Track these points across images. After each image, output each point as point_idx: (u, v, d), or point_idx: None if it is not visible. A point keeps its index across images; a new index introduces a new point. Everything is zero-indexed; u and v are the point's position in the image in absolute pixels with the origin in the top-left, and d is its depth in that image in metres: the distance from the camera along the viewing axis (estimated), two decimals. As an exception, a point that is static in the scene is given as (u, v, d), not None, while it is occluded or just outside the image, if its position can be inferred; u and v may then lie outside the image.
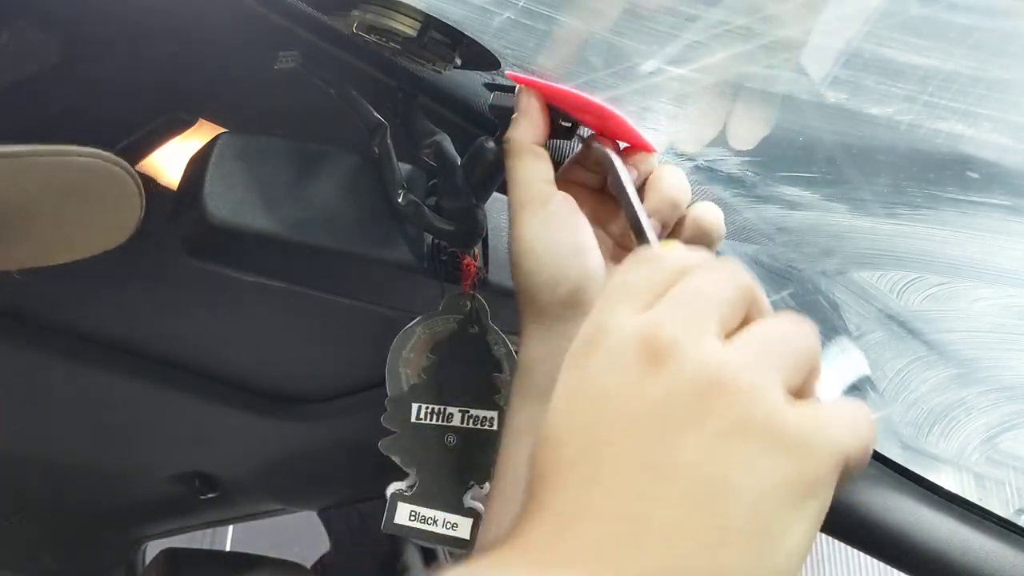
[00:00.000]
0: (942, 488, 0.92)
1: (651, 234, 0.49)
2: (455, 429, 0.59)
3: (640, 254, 0.39)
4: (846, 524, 0.89)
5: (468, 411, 0.59)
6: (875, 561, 0.91)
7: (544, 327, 0.52)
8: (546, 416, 0.36)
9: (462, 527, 0.55)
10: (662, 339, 0.34)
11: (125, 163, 0.53)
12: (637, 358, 0.34)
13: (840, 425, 0.33)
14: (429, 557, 1.43)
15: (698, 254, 0.38)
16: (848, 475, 0.33)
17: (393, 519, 0.57)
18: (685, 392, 0.33)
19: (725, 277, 0.36)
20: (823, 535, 0.42)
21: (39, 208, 0.51)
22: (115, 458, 1.52)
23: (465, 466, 0.58)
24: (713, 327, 0.34)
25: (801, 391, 0.35)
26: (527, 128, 0.55)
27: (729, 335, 0.35)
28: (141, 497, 1.72)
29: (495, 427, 0.59)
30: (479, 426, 0.59)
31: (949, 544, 0.87)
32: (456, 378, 0.60)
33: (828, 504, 0.33)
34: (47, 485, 1.64)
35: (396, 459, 0.59)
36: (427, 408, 0.59)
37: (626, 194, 0.51)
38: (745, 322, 0.36)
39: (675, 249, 0.39)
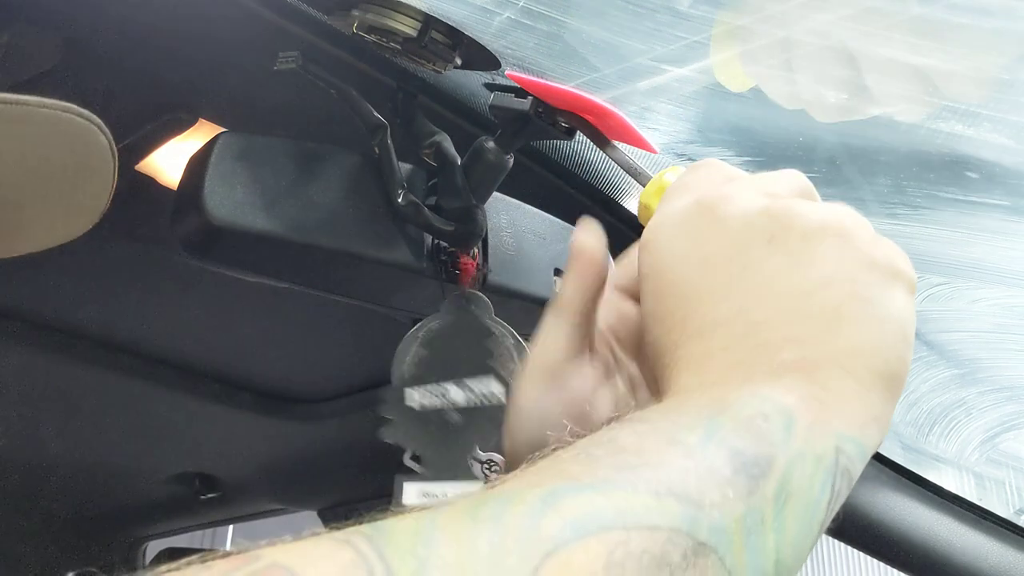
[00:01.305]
0: (942, 488, 0.92)
1: (647, 172, 0.50)
2: (459, 409, 0.58)
3: (699, 161, 0.43)
4: (847, 525, 0.89)
5: (466, 383, 0.59)
6: (875, 561, 0.91)
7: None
8: (642, 310, 0.40)
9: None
10: (716, 195, 0.39)
11: (99, 120, 0.44)
12: (698, 218, 0.38)
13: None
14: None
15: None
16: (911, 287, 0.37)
17: (401, 501, 0.57)
18: (752, 224, 0.37)
19: (786, 175, 0.41)
20: (823, 535, 0.43)
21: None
22: (115, 458, 1.52)
23: (469, 438, 0.57)
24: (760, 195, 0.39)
25: None
26: (574, 295, 0.46)
27: None
28: (141, 497, 1.72)
29: (503, 401, 0.58)
30: (480, 400, 0.58)
31: (949, 544, 0.87)
32: (451, 359, 0.60)
33: (913, 293, 0.37)
34: (47, 485, 1.63)
35: (400, 443, 0.59)
36: (424, 391, 0.59)
37: (617, 151, 0.53)
38: None
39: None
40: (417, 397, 0.60)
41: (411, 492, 0.57)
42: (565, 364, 0.47)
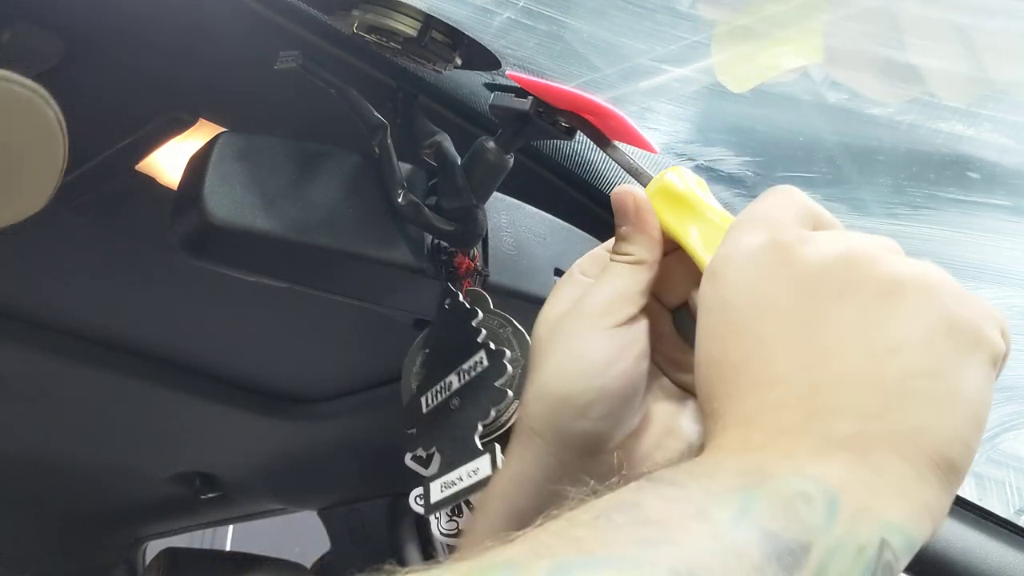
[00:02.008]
0: (942, 488, 0.92)
1: (648, 172, 0.49)
2: (456, 392, 0.58)
3: (773, 188, 0.40)
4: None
5: (461, 368, 0.58)
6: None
7: (536, 442, 0.44)
8: (697, 344, 0.37)
9: (483, 467, 0.53)
10: (794, 235, 0.36)
11: (44, 91, 0.38)
12: (771, 259, 0.36)
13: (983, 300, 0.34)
14: (428, 556, 1.43)
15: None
16: (1002, 359, 0.33)
17: (431, 500, 0.56)
18: (827, 272, 0.34)
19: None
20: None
21: None
22: (115, 458, 1.52)
23: (470, 415, 0.56)
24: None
25: None
26: (645, 245, 0.45)
27: None
28: (141, 497, 1.72)
29: (486, 363, 0.57)
30: (473, 374, 0.58)
31: (949, 544, 0.87)
32: (447, 352, 0.60)
33: (997, 365, 0.33)
34: (47, 485, 1.63)
35: (421, 450, 0.58)
36: (432, 393, 0.59)
37: (618, 150, 0.52)
38: None
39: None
40: (426, 402, 0.60)
41: (436, 489, 0.57)
42: (629, 314, 0.43)
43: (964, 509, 0.90)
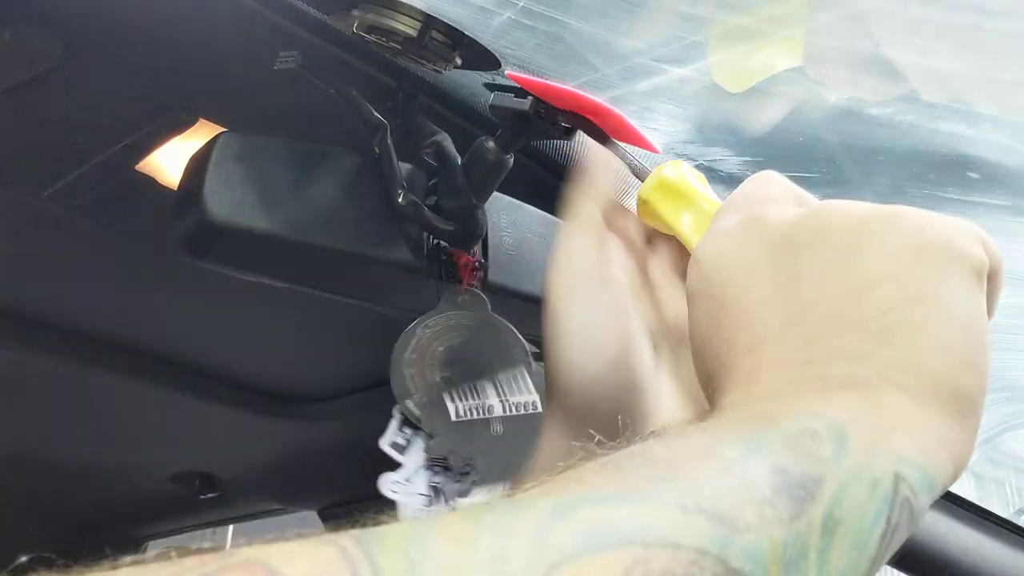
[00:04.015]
0: (942, 488, 0.92)
1: (648, 169, 0.49)
2: (499, 419, 0.58)
3: (753, 176, 0.41)
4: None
5: (507, 399, 0.58)
6: (875, 561, 0.91)
7: (567, 424, 0.45)
8: (690, 330, 0.37)
9: None
10: (763, 209, 0.37)
11: None
12: (745, 232, 0.36)
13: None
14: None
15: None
16: (994, 277, 0.33)
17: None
18: (794, 231, 0.35)
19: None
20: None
21: None
22: (115, 458, 1.52)
23: (517, 452, 0.56)
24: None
25: None
26: (594, 205, 0.48)
27: None
28: (141, 497, 1.72)
29: (540, 408, 0.57)
30: (522, 411, 0.57)
31: (949, 544, 0.87)
32: (482, 371, 0.59)
33: (982, 278, 0.33)
34: (47, 485, 1.63)
35: (448, 459, 0.58)
36: (464, 404, 0.59)
37: (619, 148, 0.52)
38: None
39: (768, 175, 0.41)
40: (455, 410, 0.59)
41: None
42: (601, 265, 0.46)
43: (964, 509, 0.90)
